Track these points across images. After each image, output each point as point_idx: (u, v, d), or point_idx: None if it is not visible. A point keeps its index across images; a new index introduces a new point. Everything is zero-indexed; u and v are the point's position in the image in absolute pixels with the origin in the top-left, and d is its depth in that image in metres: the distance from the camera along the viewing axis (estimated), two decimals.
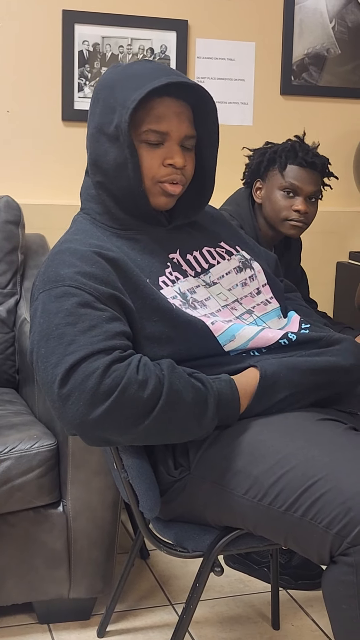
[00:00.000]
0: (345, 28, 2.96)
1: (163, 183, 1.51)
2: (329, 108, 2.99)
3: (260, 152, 2.25)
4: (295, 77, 2.94)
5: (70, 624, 1.98)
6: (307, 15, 2.91)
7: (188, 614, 1.49)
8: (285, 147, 2.19)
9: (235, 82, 2.88)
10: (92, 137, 1.53)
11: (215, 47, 2.84)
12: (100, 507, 1.91)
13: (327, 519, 1.26)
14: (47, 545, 1.89)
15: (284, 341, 1.54)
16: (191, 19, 2.80)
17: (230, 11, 2.83)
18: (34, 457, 1.84)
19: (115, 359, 1.33)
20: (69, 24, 2.67)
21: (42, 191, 2.73)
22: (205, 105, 1.54)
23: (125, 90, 1.47)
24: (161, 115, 1.48)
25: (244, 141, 2.85)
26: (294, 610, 2.07)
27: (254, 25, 2.87)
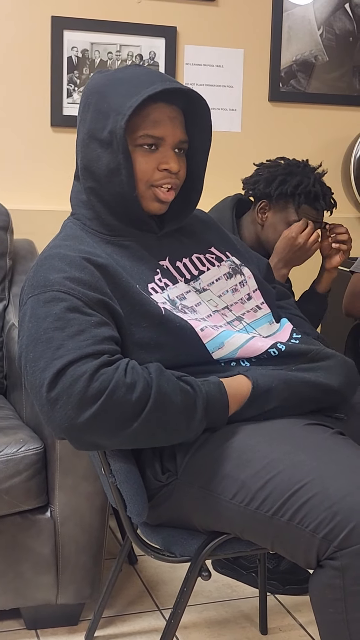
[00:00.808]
0: (333, 35, 2.98)
1: (156, 188, 1.52)
2: (317, 115, 3.01)
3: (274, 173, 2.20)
4: (283, 84, 2.95)
5: (58, 629, 1.98)
6: (295, 23, 2.93)
7: (175, 619, 1.48)
8: (307, 187, 2.15)
9: (223, 89, 2.90)
10: (83, 142, 1.53)
11: (204, 54, 2.85)
12: (88, 512, 1.90)
13: (314, 523, 1.26)
14: (34, 551, 1.88)
15: (273, 351, 1.54)
16: (180, 26, 2.81)
17: (218, 18, 2.85)
18: (20, 461, 1.83)
19: (103, 363, 1.34)
20: (58, 30, 2.68)
21: (31, 197, 2.73)
22: (198, 110, 1.55)
23: (118, 96, 1.47)
24: (157, 120, 1.49)
25: (232, 148, 2.88)
26: (282, 615, 2.07)
27: (242, 32, 2.88)
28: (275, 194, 2.17)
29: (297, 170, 2.18)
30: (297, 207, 2.16)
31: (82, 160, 1.55)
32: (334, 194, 2.25)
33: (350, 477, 1.28)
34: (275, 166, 2.22)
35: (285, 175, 2.17)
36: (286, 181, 2.16)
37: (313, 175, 2.18)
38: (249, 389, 1.44)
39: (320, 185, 2.18)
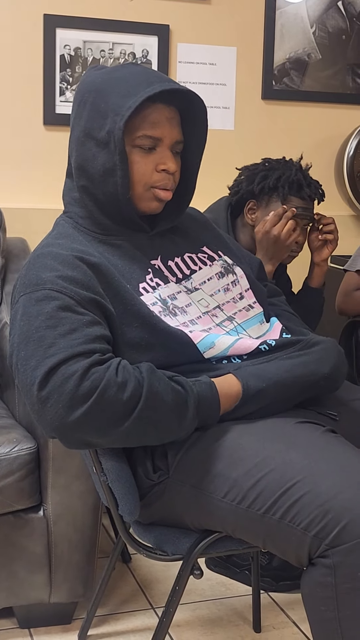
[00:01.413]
0: (326, 33, 2.98)
1: (155, 189, 1.52)
2: (310, 113, 3.01)
3: (254, 171, 2.21)
4: (276, 82, 2.95)
5: (51, 628, 1.98)
6: (288, 21, 2.93)
7: (168, 617, 1.49)
8: (289, 177, 2.14)
9: (216, 87, 2.90)
10: (78, 140, 1.53)
11: (197, 52, 2.85)
12: (81, 511, 1.91)
13: (305, 521, 1.27)
14: (27, 550, 1.88)
15: (264, 347, 1.54)
16: (172, 24, 2.81)
17: (211, 16, 2.85)
18: (13, 461, 1.83)
19: (95, 362, 1.34)
20: (50, 28, 2.68)
21: (24, 195, 2.73)
22: (195, 110, 1.55)
23: (116, 96, 1.47)
24: (155, 121, 1.49)
25: (225, 146, 2.88)
26: (275, 612, 2.08)
27: (235, 30, 2.88)
28: (258, 190, 2.16)
29: (278, 166, 2.18)
30: (283, 199, 2.15)
31: (76, 159, 1.54)
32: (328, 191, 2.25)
33: (342, 475, 1.29)
34: (256, 166, 2.22)
35: (267, 171, 2.17)
36: (267, 176, 2.16)
37: (295, 167, 2.18)
38: (240, 389, 1.44)
39: (303, 174, 2.17)
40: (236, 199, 2.23)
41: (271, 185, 2.15)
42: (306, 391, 1.51)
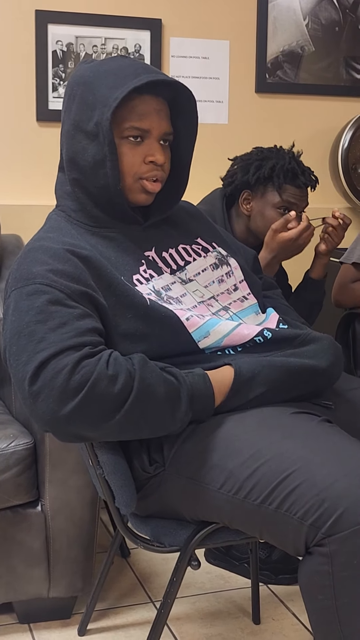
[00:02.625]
0: (319, 25, 2.98)
1: (144, 180, 1.52)
2: (304, 105, 3.01)
3: (247, 161, 2.21)
4: (270, 75, 2.95)
5: (50, 623, 1.98)
6: (281, 13, 2.93)
7: (166, 608, 1.49)
8: (284, 166, 2.15)
9: (209, 81, 2.90)
10: (68, 134, 1.53)
11: (189, 46, 2.85)
12: (79, 506, 1.91)
13: (302, 510, 1.26)
14: (25, 545, 1.89)
15: (259, 339, 1.54)
16: (165, 18, 2.81)
17: (203, 10, 2.85)
18: (10, 456, 1.83)
19: (85, 355, 1.33)
20: (42, 24, 2.68)
21: (18, 192, 2.73)
22: (184, 102, 1.55)
23: (104, 88, 1.47)
24: (143, 112, 1.49)
25: (219, 139, 2.88)
26: (274, 604, 2.08)
27: (227, 24, 2.88)
28: (253, 180, 2.16)
29: (270, 155, 2.18)
30: (279, 188, 2.15)
31: (67, 152, 1.54)
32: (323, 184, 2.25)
33: (337, 464, 1.29)
34: (249, 155, 2.22)
35: (260, 161, 2.17)
36: (261, 166, 2.16)
37: (288, 155, 2.18)
38: (232, 375, 1.44)
39: (296, 162, 2.18)
40: (230, 189, 2.23)
41: (266, 175, 2.15)
42: (302, 385, 1.51)
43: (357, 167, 3.02)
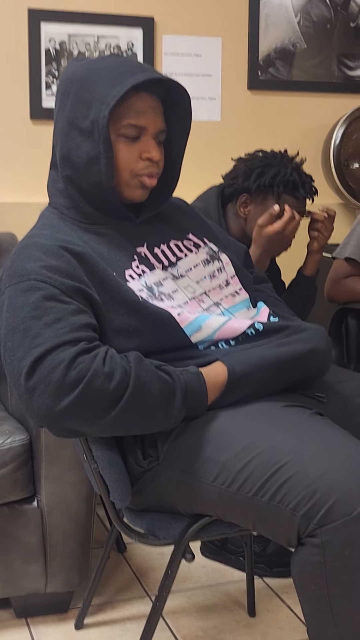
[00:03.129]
0: (311, 22, 2.99)
1: (141, 176, 1.53)
2: (296, 102, 3.02)
3: (250, 166, 2.19)
4: (262, 72, 2.96)
5: (48, 617, 1.99)
6: (273, 10, 2.94)
7: (161, 602, 1.50)
8: (285, 176, 2.13)
9: (202, 78, 2.90)
10: (62, 131, 1.53)
11: (182, 43, 2.86)
12: (75, 501, 1.91)
13: (294, 502, 1.27)
14: (22, 540, 1.89)
15: (251, 331, 1.55)
16: (157, 16, 2.81)
17: (195, 7, 2.85)
18: (6, 452, 1.84)
19: (81, 351, 1.34)
20: (35, 22, 2.68)
21: (13, 190, 2.73)
22: (178, 99, 1.56)
23: (100, 85, 1.47)
24: (140, 110, 1.50)
25: (212, 137, 2.89)
26: (269, 597, 2.09)
27: (219, 21, 2.89)
28: (254, 187, 2.16)
29: (274, 162, 2.17)
30: (277, 197, 2.15)
31: (60, 149, 1.54)
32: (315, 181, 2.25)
33: (329, 456, 1.30)
34: (252, 159, 2.21)
35: (263, 167, 2.16)
36: (264, 173, 2.15)
37: (291, 164, 2.17)
38: (225, 374, 1.45)
39: (298, 173, 2.16)
40: (230, 190, 2.23)
41: (267, 184, 2.14)
42: (294, 373, 1.52)
43: (349, 164, 3.03)
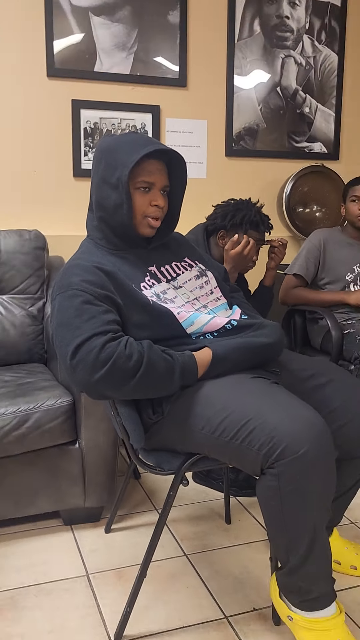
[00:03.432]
0: (269, 109, 2.98)
1: (148, 218, 1.52)
2: (259, 165, 3.01)
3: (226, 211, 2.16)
4: (235, 144, 2.95)
5: (85, 524, 1.99)
6: (242, 101, 2.93)
7: (165, 513, 1.49)
8: (250, 217, 2.12)
9: (193, 148, 2.89)
10: (97, 185, 1.53)
11: (179, 124, 2.85)
12: (105, 443, 1.92)
13: (258, 444, 1.27)
14: (68, 471, 1.90)
15: (229, 326, 1.55)
16: (162, 105, 2.80)
17: (189, 99, 2.84)
18: (57, 410, 1.84)
19: (109, 339, 1.34)
20: (76, 109, 2.67)
21: (61, 226, 2.73)
22: (177, 164, 1.55)
23: (123, 154, 1.47)
24: (150, 171, 1.49)
25: (200, 189, 2.88)
26: (240, 510, 2.09)
27: (205, 109, 2.88)
28: (228, 225, 2.14)
29: (242, 207, 2.15)
30: (245, 232, 2.13)
31: (96, 198, 1.54)
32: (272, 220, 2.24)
33: (282, 412, 1.30)
34: (227, 205, 2.20)
35: (234, 211, 2.15)
36: (235, 215, 2.14)
37: (254, 208, 2.16)
38: (210, 356, 1.44)
39: (259, 214, 2.15)
40: (212, 228, 2.22)
41: (237, 222, 2.13)
42: (257, 357, 1.52)
43: (296, 208, 3.03)
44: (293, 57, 2.97)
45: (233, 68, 2.89)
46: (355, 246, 2.52)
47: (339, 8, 3.00)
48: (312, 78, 3.02)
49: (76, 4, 2.63)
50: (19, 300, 2.35)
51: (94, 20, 2.66)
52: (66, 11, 2.61)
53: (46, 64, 2.61)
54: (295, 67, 2.98)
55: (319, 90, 3.03)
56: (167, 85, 2.79)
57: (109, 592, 1.66)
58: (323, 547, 1.33)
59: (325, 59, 3.03)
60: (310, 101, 3.03)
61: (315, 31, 2.99)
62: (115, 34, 2.70)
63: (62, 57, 2.63)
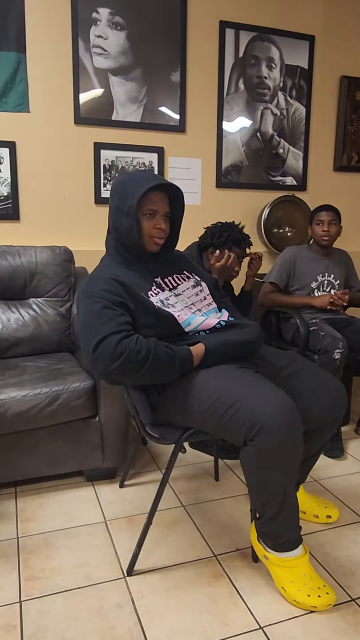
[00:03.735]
0: (250, 150, 2.95)
1: (154, 238, 1.51)
2: (243, 195, 2.99)
3: (213, 231, 2.13)
4: (223, 178, 2.92)
5: (104, 481, 1.98)
6: (230, 143, 2.90)
7: (167, 474, 1.49)
8: (232, 236, 2.09)
9: (190, 181, 2.86)
10: (113, 213, 1.51)
11: (179, 162, 2.82)
12: (119, 418, 1.91)
13: (242, 421, 1.28)
14: (90, 438, 1.89)
15: (218, 326, 1.54)
16: (166, 147, 2.77)
17: (187, 141, 2.81)
18: (81, 390, 1.83)
19: (123, 337, 1.33)
20: (97, 149, 2.64)
21: (85, 242, 2.70)
22: (177, 194, 1.54)
23: (132, 188, 1.46)
24: (154, 201, 1.48)
25: (196, 214, 2.86)
26: (226, 470, 2.08)
27: (200, 150, 2.85)
28: (216, 243, 2.12)
29: (227, 228, 2.13)
30: (229, 248, 2.11)
31: (112, 223, 1.53)
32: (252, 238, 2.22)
33: (262, 397, 1.29)
34: (214, 227, 2.17)
35: (221, 232, 2.12)
36: (221, 235, 2.11)
37: (236, 229, 2.14)
38: (203, 350, 1.43)
39: (241, 234, 2.13)
40: (203, 245, 2.20)
41: (223, 241, 2.11)
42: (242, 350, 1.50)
43: (272, 229, 3.00)
44: (270, 109, 2.95)
45: (222, 117, 2.85)
46: (319, 260, 2.51)
47: (306, 70, 2.98)
48: (285, 125, 2.99)
49: (98, 66, 2.59)
50: (51, 302, 2.33)
51: (112, 79, 2.63)
52: (90, 72, 2.58)
53: (73, 113, 2.58)
54: (271, 117, 2.95)
55: (290, 135, 3.01)
56: (170, 131, 2.76)
57: (122, 535, 1.65)
58: (292, 501, 1.33)
59: (295, 110, 3.00)
60: (283, 144, 3.00)
61: (287, 88, 2.96)
62: (128, 89, 2.66)
63: (86, 108, 2.59)
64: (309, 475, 2.03)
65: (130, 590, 1.42)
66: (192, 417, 1.40)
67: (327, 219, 2.45)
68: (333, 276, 2.48)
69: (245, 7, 2.81)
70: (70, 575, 1.48)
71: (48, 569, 1.50)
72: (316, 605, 1.34)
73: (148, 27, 2.63)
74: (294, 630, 1.29)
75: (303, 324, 2.30)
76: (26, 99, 2.50)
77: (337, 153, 3.09)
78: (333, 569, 1.49)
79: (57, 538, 1.64)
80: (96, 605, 1.38)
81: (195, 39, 2.74)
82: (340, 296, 2.35)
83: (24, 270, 2.30)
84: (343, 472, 2.04)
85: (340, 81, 3.05)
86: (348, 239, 3.20)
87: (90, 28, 2.55)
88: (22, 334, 2.24)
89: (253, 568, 1.50)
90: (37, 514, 1.77)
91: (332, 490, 1.91)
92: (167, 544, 1.61)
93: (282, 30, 2.88)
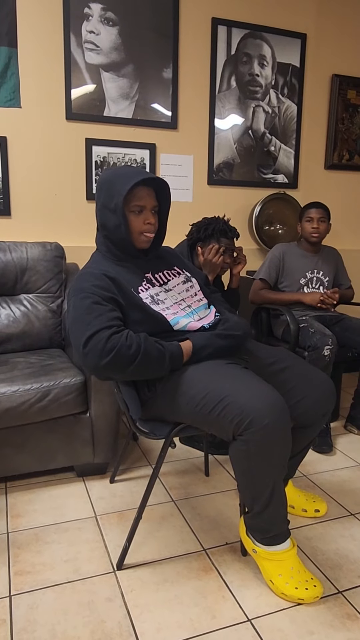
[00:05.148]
0: (242, 147, 2.95)
1: (143, 233, 1.50)
2: (235, 192, 2.99)
3: (199, 226, 2.14)
4: (215, 175, 2.92)
5: (94, 476, 1.99)
6: (222, 140, 2.90)
7: (157, 469, 1.49)
8: (219, 227, 2.09)
9: (182, 177, 2.86)
10: (100, 210, 1.51)
11: (171, 158, 2.81)
12: (110, 413, 1.91)
13: (231, 417, 1.28)
14: (81, 434, 1.89)
15: (205, 326, 1.54)
16: (157, 143, 2.77)
17: (179, 138, 2.81)
18: (72, 386, 1.83)
19: (113, 332, 1.33)
20: (89, 145, 2.63)
21: (76, 239, 2.69)
22: (164, 188, 1.53)
23: (119, 184, 1.45)
24: (141, 196, 1.47)
25: (187, 211, 2.85)
26: (216, 465, 2.09)
27: (192, 146, 2.85)
28: (203, 237, 2.12)
29: (212, 222, 2.14)
30: (217, 240, 2.11)
31: (100, 220, 1.52)
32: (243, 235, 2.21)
33: (251, 392, 1.30)
34: (201, 222, 2.18)
35: (207, 225, 2.13)
36: (207, 228, 2.12)
37: (222, 221, 2.14)
38: (191, 346, 1.43)
39: (226, 224, 2.13)
40: (192, 242, 2.20)
41: (209, 234, 2.12)
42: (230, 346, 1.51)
43: (263, 227, 3.01)
44: (262, 107, 2.95)
45: (214, 114, 2.85)
46: (308, 257, 2.52)
47: (298, 68, 2.98)
48: (277, 123, 2.99)
49: (90, 61, 2.58)
50: (42, 298, 2.32)
51: (103, 75, 2.62)
52: (82, 67, 2.57)
53: (65, 109, 2.57)
54: (263, 115, 2.96)
55: (282, 132, 3.01)
56: (162, 128, 2.75)
57: (112, 530, 1.66)
58: (280, 496, 1.34)
59: (287, 108, 3.00)
60: (275, 141, 3.00)
61: (279, 86, 2.96)
62: (120, 86, 2.65)
63: (78, 104, 2.58)
64: (298, 470, 2.04)
65: (120, 585, 1.43)
66: (181, 413, 1.40)
67: (317, 217, 2.46)
68: (322, 273, 2.49)
69: (237, 5, 2.81)
70: (60, 569, 1.48)
71: (38, 563, 1.50)
72: (303, 598, 1.35)
73: (140, 23, 2.62)
74: (282, 622, 1.31)
75: (293, 321, 2.31)
76: (17, 94, 2.48)
77: (328, 151, 3.10)
78: (321, 562, 1.51)
79: (47, 533, 1.64)
80: (86, 599, 1.38)
81: (188, 35, 2.74)
82: (330, 295, 2.36)
83: (14, 266, 2.29)
84: (332, 468, 2.06)
85: (331, 79, 3.06)
86: (339, 237, 3.22)
87: (82, 23, 2.53)
88: (13, 330, 2.23)
89: (242, 562, 1.51)
90: (27, 509, 1.76)
91: (321, 485, 1.93)
92: (157, 538, 1.62)
93: (274, 28, 2.89)
